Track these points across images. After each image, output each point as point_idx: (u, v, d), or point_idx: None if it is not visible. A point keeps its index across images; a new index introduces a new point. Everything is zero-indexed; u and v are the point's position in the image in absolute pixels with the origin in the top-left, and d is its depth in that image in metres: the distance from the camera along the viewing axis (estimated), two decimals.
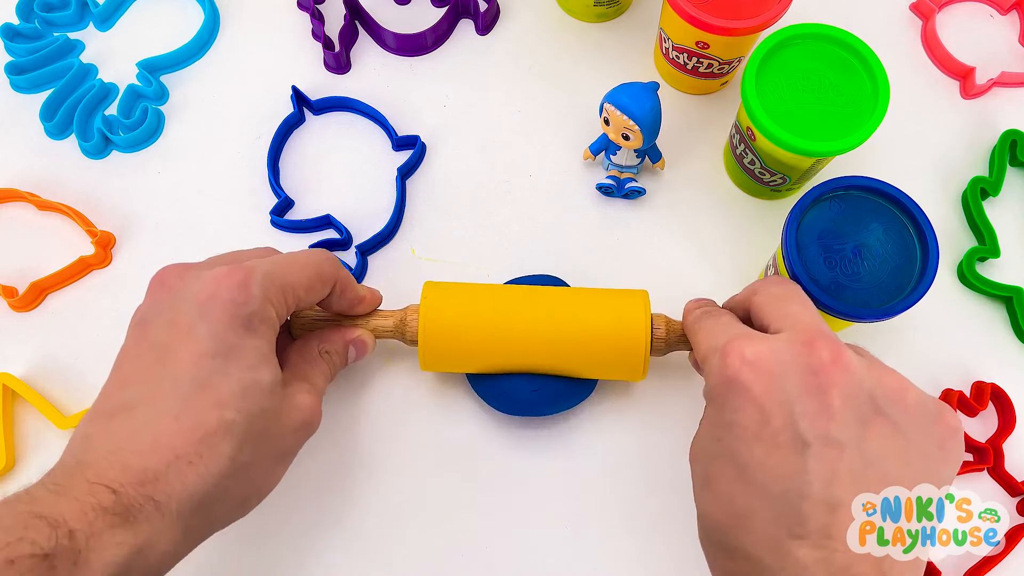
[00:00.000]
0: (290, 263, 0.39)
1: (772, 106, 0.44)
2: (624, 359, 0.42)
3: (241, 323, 0.35)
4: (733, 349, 0.33)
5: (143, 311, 0.37)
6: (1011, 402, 0.47)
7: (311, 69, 0.55)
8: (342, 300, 0.42)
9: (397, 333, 0.44)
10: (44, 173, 0.53)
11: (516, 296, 0.44)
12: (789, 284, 0.38)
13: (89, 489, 0.31)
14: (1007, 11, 0.56)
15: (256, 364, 0.35)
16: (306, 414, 0.38)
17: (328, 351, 0.42)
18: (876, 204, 0.42)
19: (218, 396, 0.34)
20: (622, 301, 0.43)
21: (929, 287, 0.40)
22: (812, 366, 0.32)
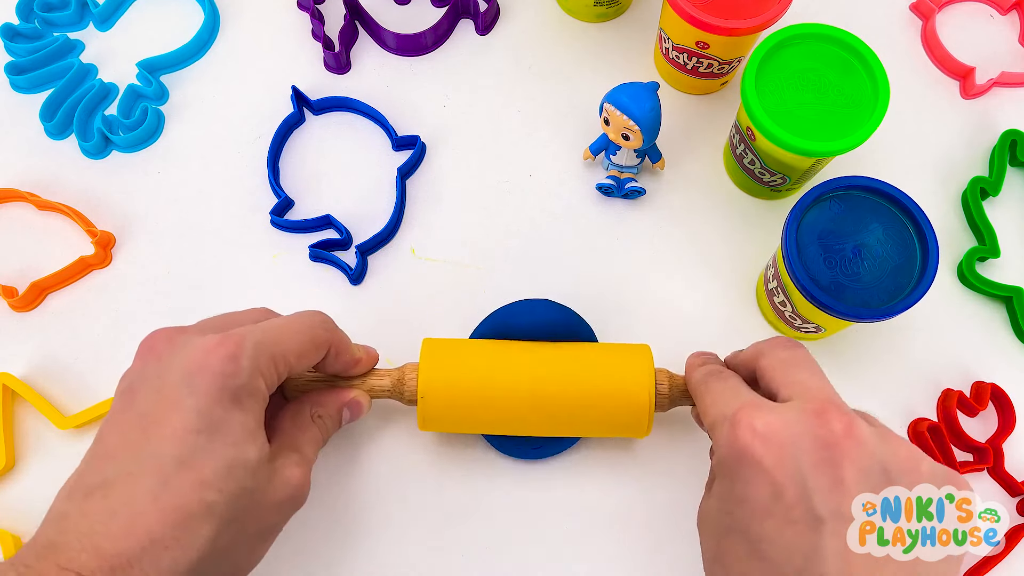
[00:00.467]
0: (282, 330, 0.37)
1: (772, 106, 0.44)
2: (628, 418, 0.42)
3: (229, 397, 0.34)
4: (743, 419, 0.32)
5: (130, 377, 0.36)
6: (1011, 402, 0.47)
7: (311, 69, 0.55)
8: (337, 363, 0.41)
9: (395, 393, 0.42)
10: (44, 173, 0.53)
11: (517, 354, 0.43)
12: (797, 348, 0.37)
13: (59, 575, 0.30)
14: (1007, 11, 0.56)
15: (242, 440, 0.34)
16: (293, 489, 0.36)
17: (321, 415, 0.40)
18: (876, 204, 0.42)
19: (200, 476, 0.32)
20: (625, 358, 0.43)
21: (929, 287, 0.40)
22: (824, 439, 0.31)
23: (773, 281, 0.45)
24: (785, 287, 0.43)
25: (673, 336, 0.48)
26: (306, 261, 0.51)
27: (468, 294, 0.49)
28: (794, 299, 0.43)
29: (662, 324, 0.49)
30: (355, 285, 0.50)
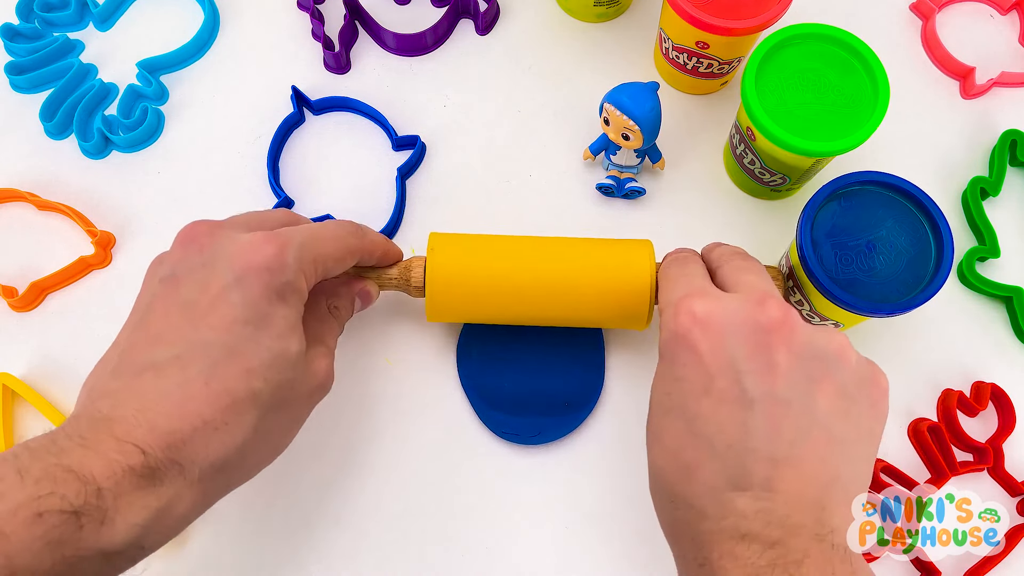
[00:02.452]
0: (322, 235, 0.39)
1: (772, 106, 0.44)
2: (630, 306, 0.43)
3: (275, 292, 0.35)
4: (685, 306, 0.34)
5: (173, 265, 0.36)
6: (1011, 402, 0.47)
7: (311, 69, 0.55)
8: (369, 261, 0.43)
9: (402, 282, 0.44)
10: (44, 173, 0.53)
11: (522, 245, 0.44)
12: (753, 259, 0.40)
13: (118, 447, 0.31)
14: (1007, 11, 0.56)
15: (285, 334, 0.36)
16: (322, 378, 0.39)
17: (337, 306, 0.42)
18: (885, 198, 0.42)
19: (248, 364, 0.34)
20: (627, 250, 0.44)
21: (948, 275, 0.40)
22: (761, 324, 0.33)
23: (788, 280, 0.45)
24: (803, 287, 0.43)
25: None
26: None
27: None
28: (812, 298, 0.43)
29: None
30: None
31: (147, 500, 0.31)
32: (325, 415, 0.47)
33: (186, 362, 0.33)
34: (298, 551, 0.45)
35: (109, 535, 0.30)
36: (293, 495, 0.46)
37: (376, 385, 0.48)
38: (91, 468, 0.30)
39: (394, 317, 0.49)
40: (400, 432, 0.47)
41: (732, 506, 0.31)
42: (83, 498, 0.29)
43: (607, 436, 0.47)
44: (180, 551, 0.45)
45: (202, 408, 0.33)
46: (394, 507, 0.46)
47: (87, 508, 0.29)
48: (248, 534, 0.45)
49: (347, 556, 0.45)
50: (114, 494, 0.30)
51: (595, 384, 0.47)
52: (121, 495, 0.30)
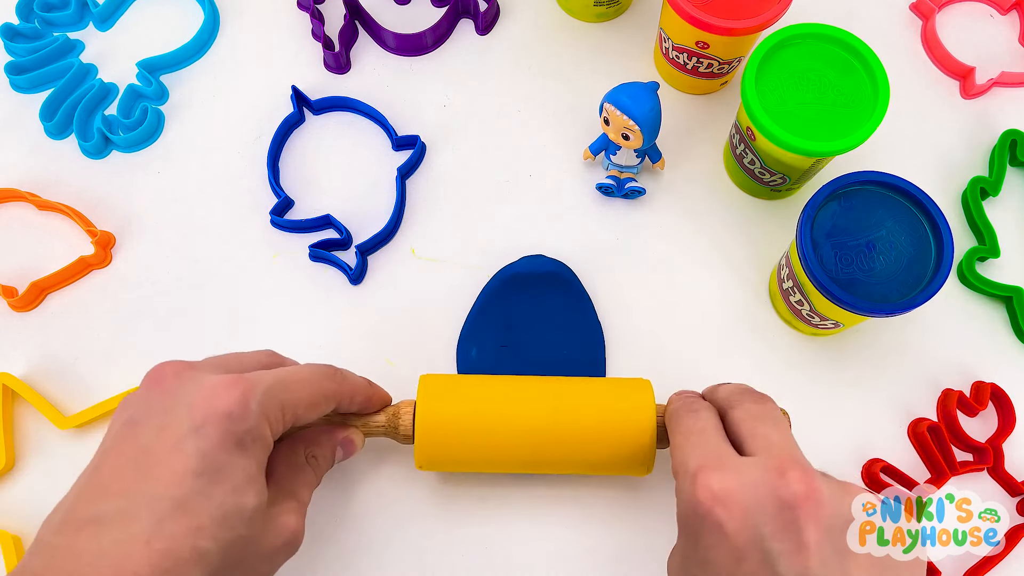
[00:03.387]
0: (293, 379, 0.37)
1: (772, 106, 0.44)
2: (630, 457, 0.41)
3: (234, 441, 0.33)
4: (703, 480, 0.32)
5: (133, 409, 0.35)
6: (1011, 402, 0.47)
7: (311, 69, 0.55)
8: (350, 408, 0.40)
9: (390, 430, 0.41)
10: (44, 173, 0.53)
11: (517, 389, 0.43)
12: (767, 402, 0.38)
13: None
14: (1007, 11, 0.56)
15: (242, 487, 0.33)
16: (289, 536, 0.36)
17: (315, 455, 0.40)
18: (885, 198, 0.42)
19: (196, 522, 0.32)
20: (626, 395, 0.42)
21: (948, 275, 0.40)
22: (785, 500, 0.31)
23: (788, 281, 0.45)
24: (802, 286, 0.43)
25: (675, 336, 0.49)
26: (306, 261, 0.51)
27: (468, 294, 0.49)
28: (812, 298, 0.43)
29: (664, 324, 0.49)
30: (355, 285, 0.50)
31: None
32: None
33: (130, 518, 0.31)
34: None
35: None
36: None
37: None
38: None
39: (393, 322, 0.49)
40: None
41: None
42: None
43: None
44: None
45: (140, 569, 0.30)
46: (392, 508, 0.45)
47: None
48: None
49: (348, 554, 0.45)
50: None
51: None
52: None
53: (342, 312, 0.49)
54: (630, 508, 0.45)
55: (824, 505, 0.31)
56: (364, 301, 0.50)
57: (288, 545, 0.36)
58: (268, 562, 0.36)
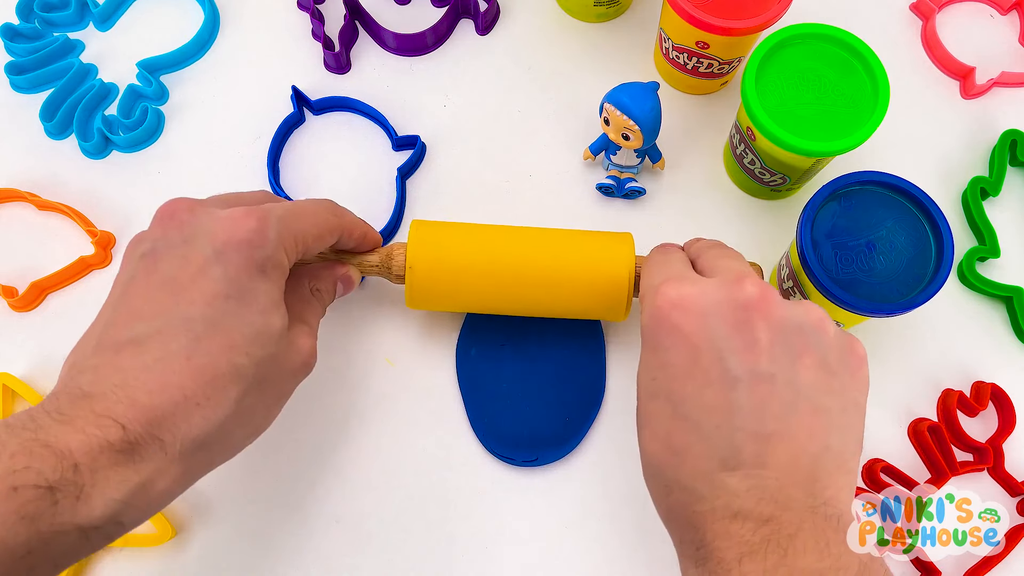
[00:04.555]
0: (302, 211, 0.39)
1: (772, 106, 0.44)
2: (608, 296, 0.43)
3: (256, 266, 0.35)
4: (664, 290, 0.34)
5: (152, 241, 0.36)
6: (1011, 402, 0.47)
7: (311, 69, 0.55)
8: (349, 243, 0.43)
9: (383, 269, 0.44)
10: (44, 173, 0.53)
11: (504, 234, 0.45)
12: (731, 248, 0.40)
13: (96, 422, 0.31)
14: (1007, 11, 0.56)
15: (268, 309, 0.36)
16: (305, 356, 0.38)
17: (319, 288, 0.42)
18: (885, 198, 0.42)
19: (230, 339, 0.34)
20: (608, 240, 0.44)
21: (948, 275, 0.40)
22: (740, 302, 0.33)
23: (788, 281, 0.45)
24: (803, 286, 0.43)
25: None
26: None
27: None
28: (812, 298, 0.43)
29: None
30: None
31: (126, 475, 0.31)
32: (325, 413, 0.47)
33: (167, 337, 0.33)
34: (297, 551, 0.45)
35: (86, 510, 0.30)
36: (292, 495, 0.46)
37: (376, 387, 0.48)
38: (68, 443, 0.30)
39: (393, 319, 0.49)
40: (400, 434, 0.47)
41: (724, 486, 0.31)
42: (59, 473, 0.29)
43: (606, 450, 0.47)
44: (179, 551, 0.45)
45: (184, 383, 0.32)
46: (394, 508, 0.46)
47: (63, 483, 0.29)
48: (247, 534, 0.45)
49: (346, 555, 0.45)
50: (91, 469, 0.30)
51: (595, 400, 0.47)
52: (98, 470, 0.30)
53: (342, 312, 0.49)
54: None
55: (776, 307, 0.33)
56: (364, 301, 0.50)
57: (305, 365, 0.39)
58: (291, 380, 0.38)
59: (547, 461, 0.46)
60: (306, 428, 0.47)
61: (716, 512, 0.31)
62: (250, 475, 0.46)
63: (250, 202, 0.39)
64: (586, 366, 0.47)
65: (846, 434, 0.33)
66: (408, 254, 0.43)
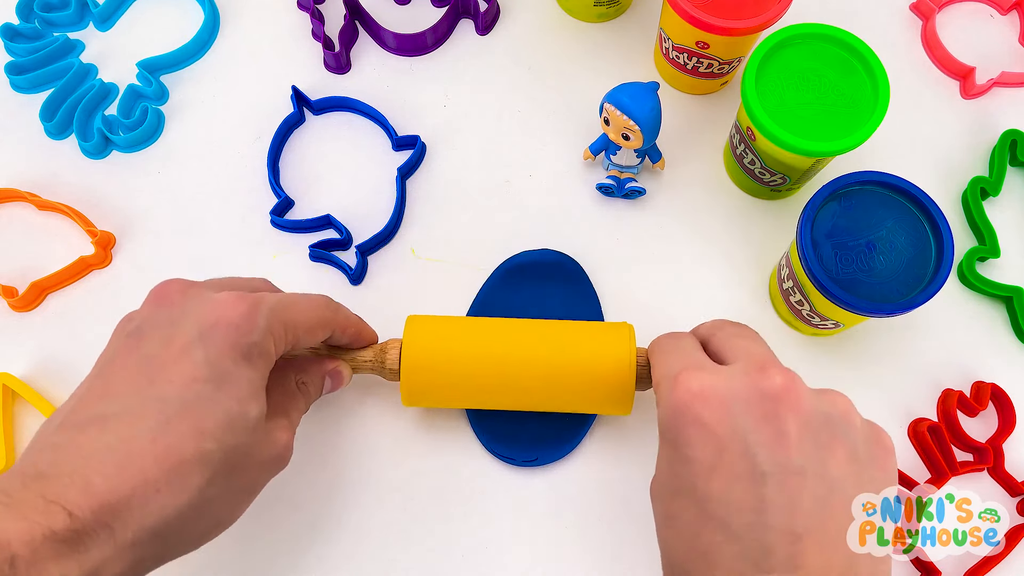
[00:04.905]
0: (295, 303, 0.38)
1: (772, 106, 0.44)
2: (611, 393, 0.42)
3: (241, 352, 0.34)
4: (683, 380, 0.33)
5: (139, 322, 0.36)
6: (1011, 402, 0.47)
7: (311, 69, 0.55)
8: (343, 340, 0.42)
9: (376, 365, 0.43)
10: (44, 173, 0.53)
11: (501, 329, 0.44)
12: (745, 326, 0.38)
13: (44, 508, 0.29)
14: (1007, 11, 0.56)
15: (246, 397, 0.34)
16: (281, 450, 0.37)
17: (305, 382, 0.41)
18: (885, 198, 0.42)
19: (201, 424, 0.33)
20: (608, 335, 0.43)
21: (948, 275, 0.40)
22: (765, 392, 0.31)
23: (788, 281, 0.45)
24: (802, 286, 0.43)
25: None
26: (306, 261, 0.51)
27: (468, 294, 0.49)
28: (812, 298, 0.43)
29: (665, 324, 0.49)
30: (355, 285, 0.50)
31: (67, 568, 0.29)
32: (325, 414, 0.47)
33: (136, 417, 0.32)
34: (297, 551, 0.45)
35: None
36: (292, 495, 0.46)
37: (376, 387, 0.48)
38: (7, 532, 0.28)
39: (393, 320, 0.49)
40: (400, 435, 0.47)
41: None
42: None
43: (606, 451, 0.47)
44: None
45: (145, 465, 0.31)
46: (394, 508, 0.46)
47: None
48: (247, 534, 0.45)
49: (346, 556, 0.45)
50: (28, 563, 0.28)
51: None
52: (37, 563, 0.28)
53: None
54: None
55: (804, 398, 0.32)
56: (364, 301, 0.50)
57: (280, 459, 0.37)
58: (261, 473, 0.37)
59: (547, 461, 0.46)
60: (305, 428, 0.47)
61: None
62: None
63: (247, 288, 0.39)
64: None
65: None
66: (403, 351, 0.42)
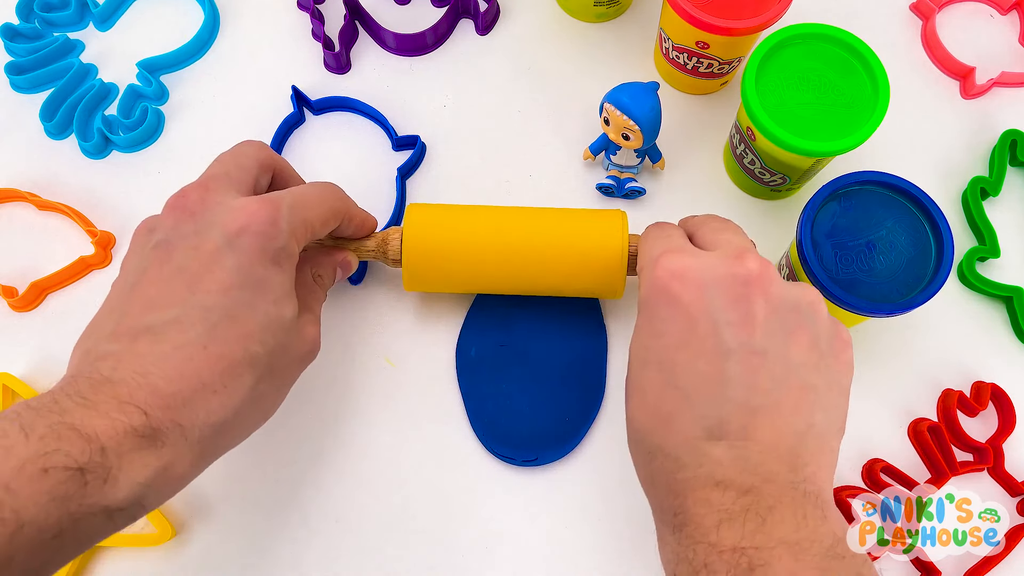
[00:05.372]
0: (310, 198, 0.40)
1: (772, 106, 0.44)
2: (602, 274, 0.44)
3: (269, 257, 0.36)
4: (664, 261, 0.35)
5: (166, 231, 0.37)
6: (1011, 402, 0.47)
7: (311, 69, 0.55)
8: (348, 229, 0.43)
9: (379, 253, 0.45)
10: (44, 173, 0.53)
11: (498, 215, 0.45)
12: (729, 221, 0.40)
13: (120, 408, 0.31)
14: (1007, 11, 0.56)
15: (281, 299, 0.37)
16: (311, 344, 0.40)
17: (320, 275, 0.43)
18: (885, 198, 0.42)
19: (245, 329, 0.35)
20: (601, 220, 0.45)
21: (948, 275, 0.40)
22: (739, 276, 0.33)
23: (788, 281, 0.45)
24: None
25: None
26: None
27: (468, 294, 0.49)
28: None
29: None
30: (355, 285, 0.50)
31: (149, 459, 0.32)
32: (325, 413, 0.47)
33: (184, 326, 0.34)
34: (297, 551, 0.45)
35: (112, 492, 0.31)
36: (292, 495, 0.46)
37: (376, 387, 0.48)
38: (94, 427, 0.30)
39: (393, 320, 0.49)
40: (400, 434, 0.47)
41: (708, 454, 0.31)
42: (88, 456, 0.30)
43: (606, 450, 0.47)
44: (179, 551, 0.45)
45: (201, 371, 0.33)
46: (394, 508, 0.46)
47: (92, 465, 0.30)
48: (247, 534, 0.45)
49: (346, 555, 0.45)
50: (117, 453, 0.31)
51: (595, 399, 0.47)
52: (124, 454, 0.31)
53: (342, 312, 0.49)
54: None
55: (775, 284, 0.34)
56: (364, 301, 0.50)
57: (311, 352, 0.40)
58: (298, 366, 0.39)
59: (547, 461, 0.46)
60: (306, 428, 0.47)
61: (698, 480, 0.31)
62: (250, 475, 0.46)
63: (250, 166, 0.40)
64: (586, 365, 0.47)
65: (830, 413, 0.33)
66: (404, 237, 0.44)
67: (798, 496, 0.30)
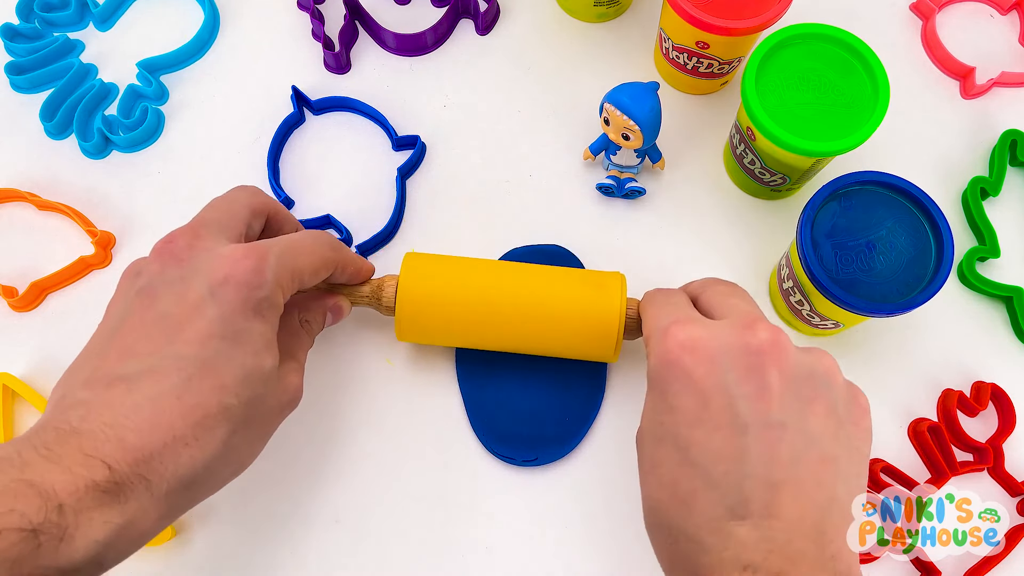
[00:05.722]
0: (300, 248, 0.39)
1: (772, 106, 0.44)
2: (597, 339, 0.43)
3: (252, 307, 0.36)
4: (673, 333, 0.34)
5: (150, 277, 0.36)
6: (1011, 402, 0.47)
7: (311, 69, 0.55)
8: (343, 277, 0.43)
9: (373, 300, 0.44)
10: (44, 173, 0.53)
11: (495, 271, 0.45)
12: (734, 284, 0.39)
13: (84, 461, 0.30)
14: (1007, 11, 0.56)
15: (260, 350, 0.36)
16: (292, 393, 0.39)
17: (308, 320, 0.42)
18: (885, 198, 0.42)
19: (221, 380, 0.34)
20: (599, 281, 0.44)
21: (948, 275, 0.40)
22: (751, 347, 0.33)
23: (788, 281, 0.45)
24: (802, 286, 0.43)
25: None
26: None
27: None
28: (812, 298, 0.43)
29: None
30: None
31: (110, 516, 0.31)
32: (326, 414, 0.47)
33: (159, 376, 0.33)
34: (297, 551, 0.45)
35: (68, 552, 0.29)
36: (292, 495, 0.46)
37: (376, 387, 0.48)
38: (53, 483, 0.30)
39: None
40: (400, 434, 0.47)
41: (733, 536, 0.30)
42: (43, 515, 0.29)
43: (606, 450, 0.47)
44: (179, 551, 0.45)
45: (174, 422, 0.32)
46: (394, 508, 0.46)
47: (46, 526, 0.29)
48: (247, 534, 0.45)
49: (346, 555, 0.45)
50: (75, 510, 0.30)
51: (595, 399, 0.47)
52: (82, 511, 0.30)
53: None
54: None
55: (789, 353, 0.33)
56: None
57: (292, 402, 0.39)
58: (276, 417, 0.39)
59: (547, 461, 0.46)
60: (306, 428, 0.47)
61: (724, 564, 0.30)
62: (250, 475, 0.46)
63: (240, 213, 0.40)
64: (586, 365, 0.47)
65: (851, 483, 0.32)
66: (399, 288, 0.43)
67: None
